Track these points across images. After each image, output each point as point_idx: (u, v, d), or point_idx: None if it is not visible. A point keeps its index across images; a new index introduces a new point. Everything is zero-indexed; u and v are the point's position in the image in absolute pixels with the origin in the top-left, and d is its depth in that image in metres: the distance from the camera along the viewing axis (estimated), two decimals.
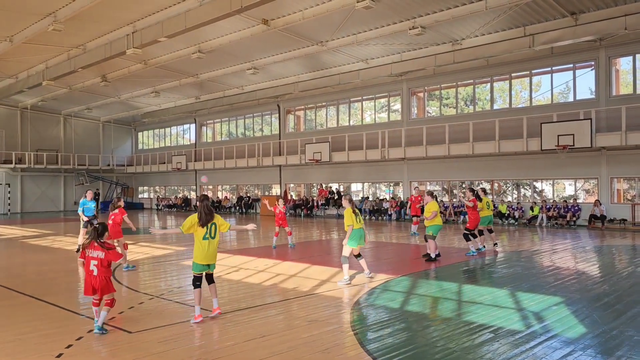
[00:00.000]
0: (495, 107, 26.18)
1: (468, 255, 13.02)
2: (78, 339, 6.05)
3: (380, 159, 28.01)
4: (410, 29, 20.43)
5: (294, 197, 35.03)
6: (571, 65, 23.39)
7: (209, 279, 7.16)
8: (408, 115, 28.99)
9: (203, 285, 7.03)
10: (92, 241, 6.38)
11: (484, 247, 13.88)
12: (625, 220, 21.43)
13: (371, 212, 28.81)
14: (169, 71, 28.89)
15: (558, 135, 21.02)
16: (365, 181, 32.26)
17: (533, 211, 23.68)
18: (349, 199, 9.69)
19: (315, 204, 32.23)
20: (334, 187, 33.15)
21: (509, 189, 26.93)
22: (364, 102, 31.88)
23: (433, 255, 12.06)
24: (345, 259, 9.50)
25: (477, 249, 13.45)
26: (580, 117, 21.18)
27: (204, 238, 6.90)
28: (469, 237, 13.35)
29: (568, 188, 25.50)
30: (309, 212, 32.16)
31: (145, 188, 49.28)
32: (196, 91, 35.04)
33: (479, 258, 12.77)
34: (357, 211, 9.58)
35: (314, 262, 12.11)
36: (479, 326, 6.55)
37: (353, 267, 10.40)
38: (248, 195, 38.53)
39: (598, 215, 21.51)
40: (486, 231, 13.99)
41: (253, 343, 5.92)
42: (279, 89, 31.22)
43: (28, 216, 35.77)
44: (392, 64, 25.40)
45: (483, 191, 14.03)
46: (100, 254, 6.30)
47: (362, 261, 9.77)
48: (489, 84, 26.46)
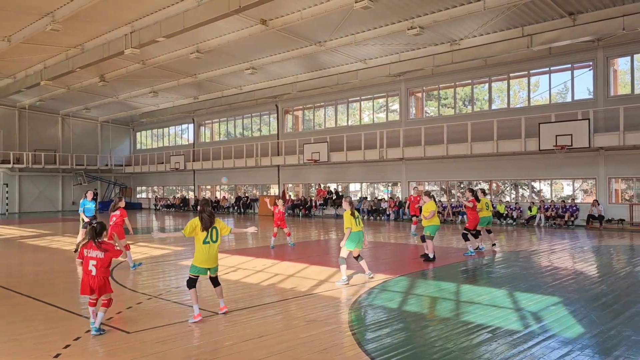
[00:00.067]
0: (494, 107, 26.21)
1: (466, 255, 13.04)
2: (76, 339, 6.05)
3: (379, 159, 28.03)
4: (408, 29, 20.45)
5: (292, 197, 35.02)
6: (569, 65, 23.43)
7: (214, 282, 7.17)
8: (406, 116, 29.00)
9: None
10: (91, 241, 6.35)
11: (484, 247, 13.89)
12: (623, 220, 21.47)
13: (369, 212, 28.82)
14: (167, 71, 28.87)
15: (556, 136, 21.06)
16: (363, 181, 32.28)
17: (531, 211, 23.70)
18: (349, 201, 9.64)
19: (313, 204, 32.24)
20: (332, 187, 33.16)
21: (507, 189, 26.96)
22: (362, 102, 31.90)
23: (431, 255, 12.07)
24: (342, 260, 9.50)
25: (475, 249, 13.47)
26: (578, 117, 21.23)
27: (205, 242, 6.90)
28: (467, 237, 13.37)
29: (566, 188, 25.54)
30: (307, 212, 32.17)
31: (144, 188, 49.26)
32: (194, 91, 35.02)
33: (477, 258, 12.78)
34: (356, 213, 9.55)
35: (312, 262, 12.11)
36: (477, 326, 6.56)
37: (351, 267, 10.41)
38: (246, 195, 38.53)
39: (596, 215, 21.55)
40: (484, 231, 14.00)
41: (251, 343, 5.92)
42: (277, 89, 31.23)
43: (26, 216, 35.70)
44: (391, 64, 25.42)
45: (482, 192, 14.04)
46: (100, 254, 6.27)
47: (362, 262, 9.76)
48: (487, 84, 26.49)
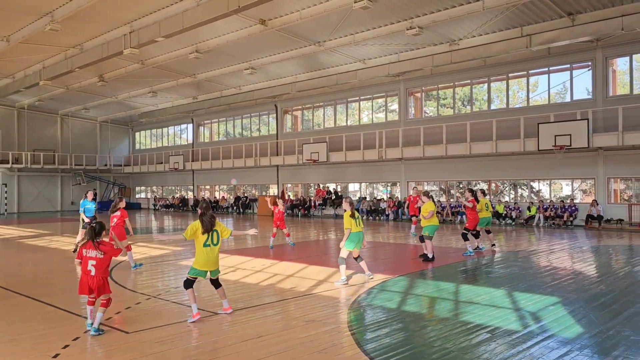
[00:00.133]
0: (493, 107, 26.22)
1: (465, 255, 13.05)
2: (75, 339, 6.04)
3: (378, 159, 28.03)
4: (407, 29, 20.46)
5: (292, 197, 35.02)
6: (568, 65, 23.44)
7: (215, 284, 7.20)
8: (405, 116, 29.01)
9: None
10: (90, 241, 6.33)
11: (484, 247, 13.89)
12: (622, 220, 21.48)
13: (368, 212, 28.82)
14: (167, 71, 28.85)
15: (555, 136, 21.07)
16: (362, 181, 32.27)
17: (530, 211, 23.71)
18: (350, 202, 9.63)
19: (312, 204, 32.24)
20: (332, 187, 33.16)
21: (506, 189, 26.97)
22: (362, 102, 31.90)
23: (430, 255, 12.08)
24: (342, 260, 9.49)
25: (474, 249, 13.48)
26: (577, 118, 21.24)
27: (205, 245, 6.92)
28: (467, 236, 13.39)
29: (565, 188, 25.55)
30: (306, 212, 32.17)
31: (143, 188, 49.22)
32: (193, 91, 35.00)
33: (476, 258, 12.79)
34: (356, 214, 9.53)
35: (311, 262, 12.11)
36: (476, 326, 6.56)
37: (351, 267, 10.41)
38: (245, 195, 38.52)
39: (595, 215, 21.56)
40: (484, 232, 14.02)
41: (250, 343, 5.92)
42: (277, 89, 31.23)
43: (25, 216, 35.66)
44: (390, 64, 25.42)
45: (482, 192, 14.06)
46: (99, 253, 6.24)
47: (362, 263, 9.75)
48: (486, 84, 26.50)
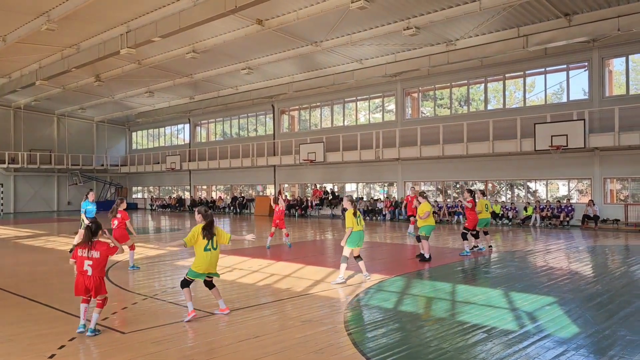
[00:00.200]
0: (489, 107, 26.27)
1: (462, 255, 13.07)
2: (71, 340, 6.02)
3: (375, 159, 28.04)
4: (404, 30, 20.47)
5: (289, 197, 35.00)
6: (565, 66, 23.50)
7: (209, 285, 7.21)
8: (402, 116, 29.03)
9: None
10: (86, 241, 6.29)
11: (484, 247, 13.91)
12: (618, 220, 21.54)
13: (365, 212, 28.81)
14: (163, 71, 28.81)
15: (551, 136, 21.11)
16: (359, 181, 32.28)
17: (527, 211, 23.77)
18: (350, 200, 9.60)
19: (309, 204, 32.23)
20: (328, 187, 33.16)
21: (503, 189, 27.02)
22: (358, 103, 31.91)
23: (427, 255, 12.09)
24: (344, 259, 9.48)
25: (473, 247, 13.53)
26: (573, 118, 21.28)
27: (206, 249, 6.95)
28: (466, 236, 13.43)
29: (561, 188, 25.62)
30: (303, 212, 32.16)
31: (139, 188, 49.13)
32: (190, 91, 34.96)
33: (473, 258, 12.81)
34: (357, 213, 9.52)
35: (308, 263, 12.11)
36: (472, 326, 6.57)
37: (350, 268, 10.39)
38: (242, 195, 38.49)
39: (591, 215, 21.62)
40: (481, 233, 14.06)
41: (247, 343, 5.91)
42: (274, 89, 31.21)
43: (21, 216, 35.55)
44: (387, 64, 25.44)
45: (482, 193, 14.10)
46: (95, 253, 6.20)
47: (361, 263, 9.75)
48: (483, 85, 26.55)
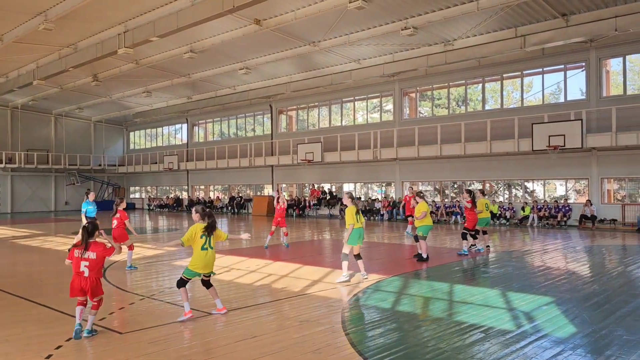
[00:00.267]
0: (487, 107, 26.30)
1: (460, 255, 13.09)
2: (67, 340, 6.00)
3: (372, 159, 28.05)
4: (402, 30, 20.48)
5: (286, 197, 34.99)
6: (562, 66, 23.54)
7: (207, 285, 7.22)
8: (400, 116, 29.05)
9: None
10: (82, 242, 6.26)
11: (482, 248, 13.91)
12: (616, 220, 21.60)
13: (363, 212, 28.81)
14: (161, 71, 28.77)
15: (549, 136, 21.15)
16: (357, 181, 32.28)
17: (524, 211, 23.80)
18: (350, 196, 9.58)
19: (307, 204, 32.23)
20: (326, 187, 33.16)
21: (501, 189, 27.06)
22: (356, 103, 31.91)
23: (425, 255, 12.10)
24: (345, 256, 9.47)
25: (471, 246, 13.54)
26: (571, 118, 21.33)
27: (203, 248, 6.97)
28: (466, 236, 13.45)
29: (559, 188, 25.66)
30: (301, 212, 32.15)
31: (137, 188, 49.06)
32: (188, 91, 34.92)
33: (471, 258, 12.82)
34: (357, 209, 9.52)
35: (305, 263, 12.10)
36: (469, 326, 6.57)
37: (349, 267, 10.37)
38: (240, 195, 38.46)
39: (589, 215, 21.66)
40: (480, 232, 14.07)
41: (244, 343, 5.90)
42: (271, 89, 31.19)
43: (18, 216, 35.46)
44: (385, 64, 25.45)
45: (481, 192, 14.12)
46: (91, 254, 6.16)
47: (360, 262, 9.75)
48: (480, 85, 26.57)
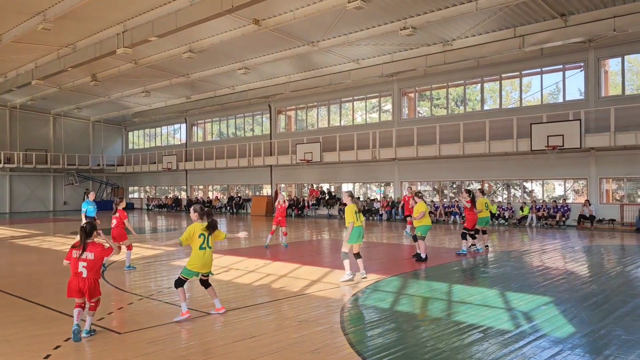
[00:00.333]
0: (486, 107, 26.31)
1: (458, 254, 13.10)
2: (66, 340, 6.00)
3: (371, 159, 28.05)
4: (401, 30, 20.48)
5: (285, 197, 34.96)
6: (561, 66, 23.56)
7: (205, 284, 7.23)
8: (399, 116, 29.06)
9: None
10: (80, 242, 6.23)
11: (481, 248, 13.93)
12: (614, 220, 21.62)
13: (362, 212, 28.76)
14: (160, 71, 28.74)
15: (548, 136, 21.17)
16: (356, 181, 32.27)
17: (523, 211, 23.82)
18: (350, 195, 9.60)
19: (306, 204, 32.23)
20: (325, 187, 33.16)
21: (499, 189, 27.07)
22: (355, 103, 31.90)
23: (423, 255, 12.11)
24: (345, 255, 9.48)
25: (470, 246, 13.55)
26: (569, 118, 21.35)
27: (201, 248, 6.99)
28: (466, 236, 13.46)
29: (558, 188, 25.68)
30: (299, 212, 32.15)
31: (136, 188, 49.01)
32: (187, 91, 34.90)
33: (470, 258, 12.83)
34: (358, 208, 9.50)
35: (304, 263, 12.10)
36: (468, 326, 6.57)
37: (350, 266, 10.36)
38: (239, 195, 38.45)
39: (587, 215, 21.68)
40: (480, 232, 14.09)
41: (243, 343, 5.90)
42: (270, 89, 31.18)
43: (17, 216, 35.41)
44: (383, 64, 25.45)
45: (481, 192, 14.14)
46: (89, 255, 6.12)
47: (359, 261, 9.75)
48: (479, 85, 26.59)
